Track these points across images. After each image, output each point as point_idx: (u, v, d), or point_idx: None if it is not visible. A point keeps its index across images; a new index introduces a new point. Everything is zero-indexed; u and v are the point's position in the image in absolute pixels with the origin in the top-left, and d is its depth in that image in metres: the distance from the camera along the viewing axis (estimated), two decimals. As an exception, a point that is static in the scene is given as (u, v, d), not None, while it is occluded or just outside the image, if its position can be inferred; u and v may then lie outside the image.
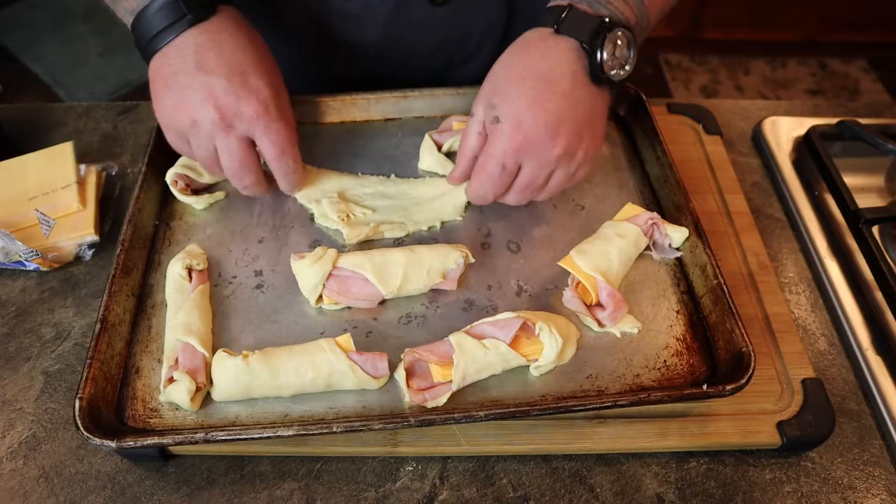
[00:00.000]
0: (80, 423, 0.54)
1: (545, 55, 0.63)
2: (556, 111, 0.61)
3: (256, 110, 0.61)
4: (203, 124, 0.61)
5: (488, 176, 0.65)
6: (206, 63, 0.61)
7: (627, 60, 0.63)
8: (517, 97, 0.62)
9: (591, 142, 0.65)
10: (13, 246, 0.69)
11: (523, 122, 0.61)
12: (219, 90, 0.60)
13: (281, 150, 0.64)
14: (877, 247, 0.72)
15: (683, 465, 0.60)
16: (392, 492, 0.58)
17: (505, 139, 0.62)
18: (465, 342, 0.59)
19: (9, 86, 0.95)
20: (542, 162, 0.63)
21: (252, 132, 0.62)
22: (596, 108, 0.65)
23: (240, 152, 0.63)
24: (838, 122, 0.86)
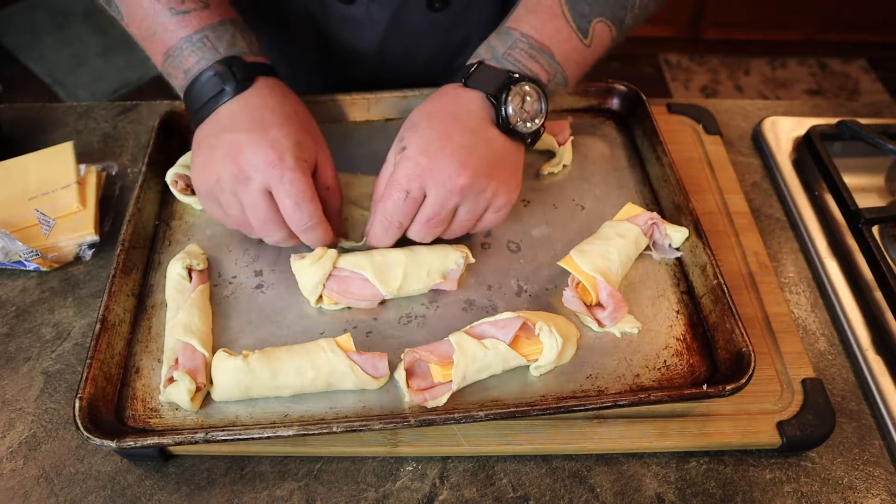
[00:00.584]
0: (80, 423, 0.54)
1: (455, 101, 0.64)
2: (465, 143, 0.61)
3: (269, 159, 0.59)
4: (224, 180, 0.61)
5: (393, 204, 0.61)
6: (233, 125, 0.62)
7: (538, 114, 0.64)
8: (426, 129, 0.62)
9: (501, 186, 0.63)
10: (13, 246, 0.69)
11: (429, 147, 0.61)
12: (240, 146, 0.60)
13: (295, 202, 0.60)
14: (877, 247, 0.72)
15: (683, 465, 0.60)
16: (392, 492, 0.58)
17: (410, 164, 0.61)
18: (465, 342, 0.59)
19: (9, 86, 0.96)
20: (447, 190, 0.60)
21: (268, 183, 0.60)
22: (508, 157, 0.64)
23: (262, 206, 0.61)
24: (838, 122, 0.86)
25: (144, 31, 0.65)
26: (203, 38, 0.63)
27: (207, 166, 0.62)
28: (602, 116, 0.86)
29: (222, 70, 0.63)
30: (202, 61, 0.63)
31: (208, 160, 0.62)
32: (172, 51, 0.64)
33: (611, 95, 0.86)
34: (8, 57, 2.54)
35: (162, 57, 0.65)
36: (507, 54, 0.65)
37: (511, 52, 0.65)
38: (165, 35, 0.64)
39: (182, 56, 0.64)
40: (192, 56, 0.63)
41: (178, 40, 0.63)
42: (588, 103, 0.87)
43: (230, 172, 0.60)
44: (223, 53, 0.64)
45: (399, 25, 0.83)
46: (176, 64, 0.64)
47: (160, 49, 0.65)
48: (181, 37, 0.63)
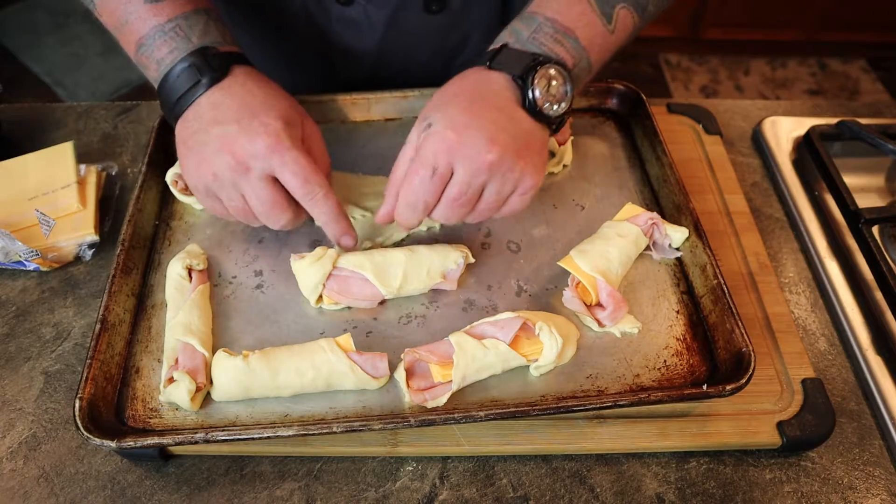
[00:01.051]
0: (80, 423, 0.54)
1: (480, 82, 0.63)
2: (493, 119, 0.59)
3: (267, 143, 0.59)
4: (223, 174, 0.60)
5: (420, 181, 0.59)
6: (218, 116, 0.61)
7: (564, 97, 0.62)
8: (452, 107, 0.61)
9: (528, 167, 0.61)
10: (13, 246, 0.69)
11: (457, 122, 0.59)
12: (231, 137, 0.59)
13: (304, 179, 0.60)
14: (877, 247, 0.72)
15: (683, 465, 0.60)
16: (392, 492, 0.58)
17: (437, 139, 0.59)
18: (465, 342, 0.59)
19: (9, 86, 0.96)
20: (475, 167, 0.58)
21: (270, 168, 0.59)
22: (534, 138, 0.62)
23: (265, 192, 0.60)
24: (838, 122, 0.86)
25: (116, 20, 0.64)
26: (176, 27, 0.62)
27: (201, 164, 0.61)
28: (602, 116, 0.86)
29: (197, 61, 0.62)
30: (175, 52, 0.62)
31: (200, 158, 0.61)
32: (144, 40, 0.63)
33: (611, 95, 0.86)
34: (8, 57, 2.54)
35: (134, 46, 0.64)
36: (532, 38, 0.63)
37: (536, 35, 0.63)
38: (137, 24, 0.63)
39: (154, 46, 0.63)
40: (165, 46, 0.62)
41: (150, 29, 0.63)
42: (588, 103, 0.87)
43: (227, 165, 0.59)
44: (196, 43, 0.62)
45: (396, 27, 0.83)
46: (148, 54, 0.63)
47: (132, 38, 0.64)
48: (153, 26, 0.62)
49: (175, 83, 0.62)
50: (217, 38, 0.64)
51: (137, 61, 0.65)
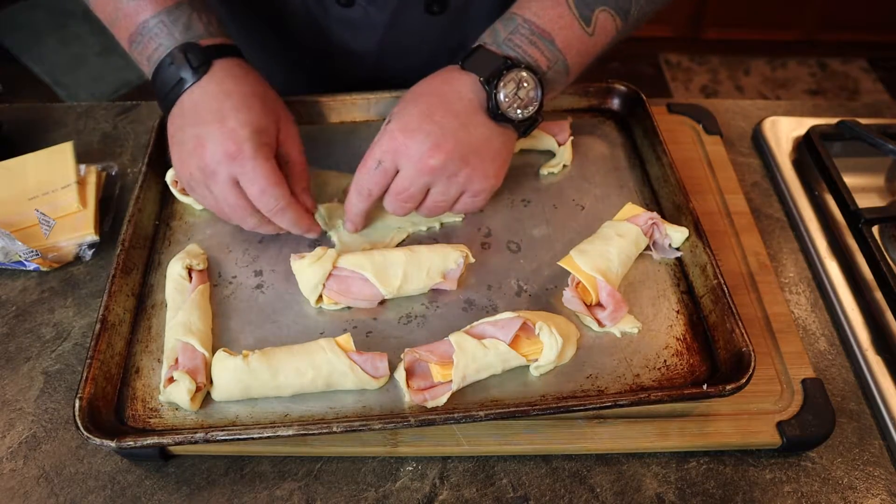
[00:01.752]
0: (80, 423, 0.54)
1: (447, 82, 0.65)
2: (444, 125, 0.62)
3: (228, 151, 0.60)
4: (195, 175, 0.63)
5: (366, 171, 0.64)
6: (194, 118, 0.62)
7: (532, 102, 0.64)
8: (412, 108, 0.64)
9: (476, 172, 0.64)
10: (13, 246, 0.69)
11: (409, 125, 0.62)
12: (202, 140, 0.61)
13: (261, 189, 0.62)
14: (877, 247, 0.72)
15: (683, 465, 0.60)
16: (392, 492, 0.58)
17: (387, 138, 0.63)
18: (465, 342, 0.59)
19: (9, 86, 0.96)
20: (417, 169, 0.62)
21: (233, 174, 0.62)
22: (491, 143, 0.65)
23: (230, 196, 0.63)
24: (838, 122, 0.86)
25: (108, 16, 0.65)
26: (159, 22, 0.63)
27: (181, 162, 0.64)
28: (602, 116, 0.86)
29: (179, 58, 0.63)
30: (160, 48, 0.63)
31: (179, 156, 0.64)
32: (134, 37, 0.64)
33: (611, 95, 0.86)
34: (8, 57, 2.54)
35: (127, 43, 0.65)
36: (507, 39, 0.65)
37: (512, 36, 0.65)
38: (126, 20, 0.64)
39: (143, 42, 0.64)
40: (151, 42, 0.64)
41: (136, 26, 0.64)
42: (588, 103, 0.87)
43: (198, 167, 0.62)
44: (179, 39, 0.63)
45: (397, 28, 0.83)
46: (140, 50, 0.65)
47: (124, 35, 0.65)
48: (139, 22, 0.64)
49: (162, 81, 0.64)
50: (200, 32, 0.65)
51: (133, 57, 0.66)
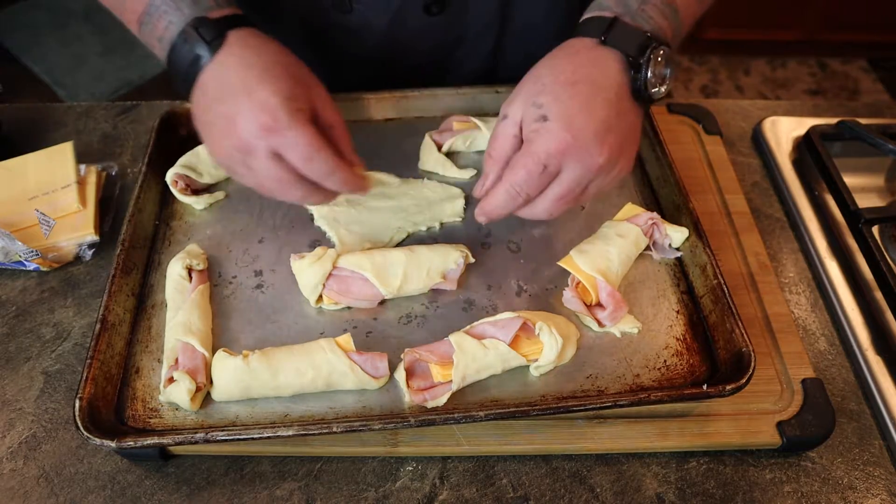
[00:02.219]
0: (80, 423, 0.54)
1: (595, 63, 0.61)
2: (605, 119, 0.59)
3: (263, 124, 0.57)
4: (232, 155, 0.59)
5: (527, 174, 0.58)
6: (218, 93, 0.59)
7: (666, 78, 0.61)
8: (568, 99, 0.59)
9: (628, 159, 0.62)
10: (13, 246, 0.69)
11: (574, 123, 0.58)
12: (232, 117, 0.58)
13: (306, 157, 0.58)
14: (877, 247, 0.72)
15: (683, 465, 0.60)
16: (392, 492, 0.58)
17: (552, 137, 0.57)
18: (465, 342, 0.59)
19: (9, 86, 0.95)
20: (585, 169, 0.58)
21: (273, 147, 0.57)
22: (635, 125, 0.63)
23: (273, 170, 0.58)
24: (838, 122, 0.86)
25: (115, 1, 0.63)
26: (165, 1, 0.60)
27: (214, 144, 0.60)
28: (602, 116, 0.86)
29: (191, 34, 0.59)
30: (171, 26, 0.60)
31: (211, 138, 0.60)
32: (143, 17, 0.61)
33: (611, 95, 0.86)
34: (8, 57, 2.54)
35: (137, 26, 0.63)
36: (641, 10, 0.61)
37: (645, 7, 0.62)
38: (133, 2, 0.61)
39: (152, 22, 0.61)
40: (161, 21, 0.60)
41: (145, 6, 0.61)
42: (588, 103, 0.87)
43: (233, 146, 0.58)
44: (188, 14, 0.60)
45: (396, 30, 0.83)
46: (149, 32, 0.62)
47: (133, 19, 0.62)
48: (146, 2, 0.61)
49: (178, 61, 0.61)
50: (208, 4, 0.61)
51: (144, 41, 0.64)
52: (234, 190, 0.77)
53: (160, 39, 0.61)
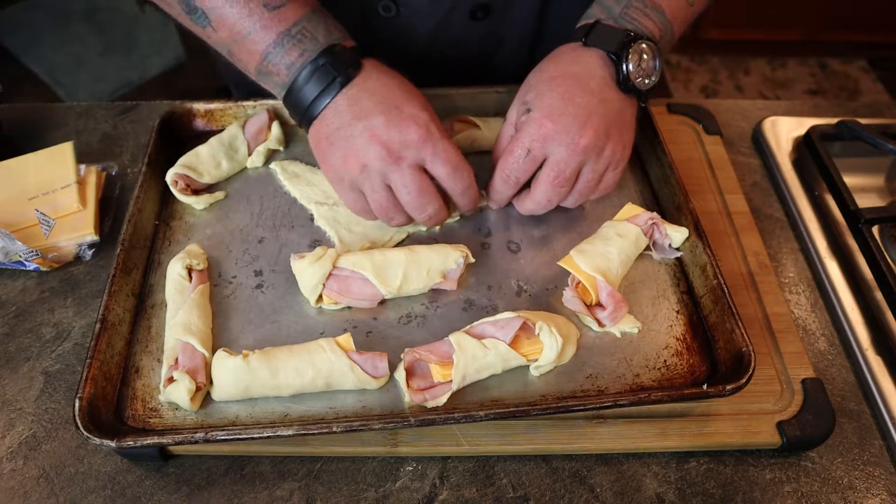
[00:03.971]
0: (80, 422, 0.54)
1: (576, 61, 0.67)
2: (585, 105, 0.64)
3: (419, 134, 0.62)
4: (373, 165, 0.62)
5: (514, 159, 0.65)
6: (361, 111, 0.62)
7: (653, 71, 0.67)
8: (549, 91, 0.65)
9: (618, 143, 0.66)
10: (13, 246, 0.69)
11: (553, 110, 0.64)
12: (379, 129, 0.61)
13: (454, 167, 0.64)
14: (877, 247, 0.72)
15: (683, 465, 0.60)
16: (392, 492, 0.58)
17: (533, 125, 0.64)
18: (465, 342, 0.59)
19: (9, 86, 0.95)
20: (569, 150, 0.64)
21: (422, 158, 0.63)
22: (624, 114, 0.67)
23: (416, 181, 0.63)
24: (838, 122, 0.86)
25: (237, 34, 0.63)
26: (301, 30, 0.63)
27: (349, 157, 0.63)
28: (602, 116, 0.86)
29: (330, 60, 0.62)
30: (306, 53, 0.63)
31: (348, 151, 0.63)
32: (272, 48, 0.63)
33: (611, 95, 0.86)
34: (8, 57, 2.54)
35: (259, 56, 0.64)
36: (623, 13, 0.68)
37: (627, 10, 0.68)
38: (263, 33, 0.62)
39: (283, 51, 0.63)
40: (295, 50, 0.63)
41: (277, 35, 0.62)
42: (588, 103, 0.87)
43: (378, 156, 0.61)
44: (323, 43, 0.63)
45: (441, 35, 0.84)
46: (277, 60, 0.63)
47: (257, 48, 0.63)
48: (280, 31, 0.62)
49: (309, 85, 0.63)
50: (339, 35, 0.65)
51: (262, 71, 0.65)
52: (234, 190, 0.77)
53: (290, 66, 0.63)
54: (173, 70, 2.44)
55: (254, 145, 0.79)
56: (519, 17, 0.86)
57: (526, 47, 0.91)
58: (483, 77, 0.90)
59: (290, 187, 0.77)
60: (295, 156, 0.81)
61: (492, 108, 0.84)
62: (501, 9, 0.83)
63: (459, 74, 0.90)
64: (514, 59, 0.91)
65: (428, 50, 0.86)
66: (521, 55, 0.91)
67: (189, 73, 2.44)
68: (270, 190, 0.77)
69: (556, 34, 0.78)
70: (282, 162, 0.79)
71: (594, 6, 0.70)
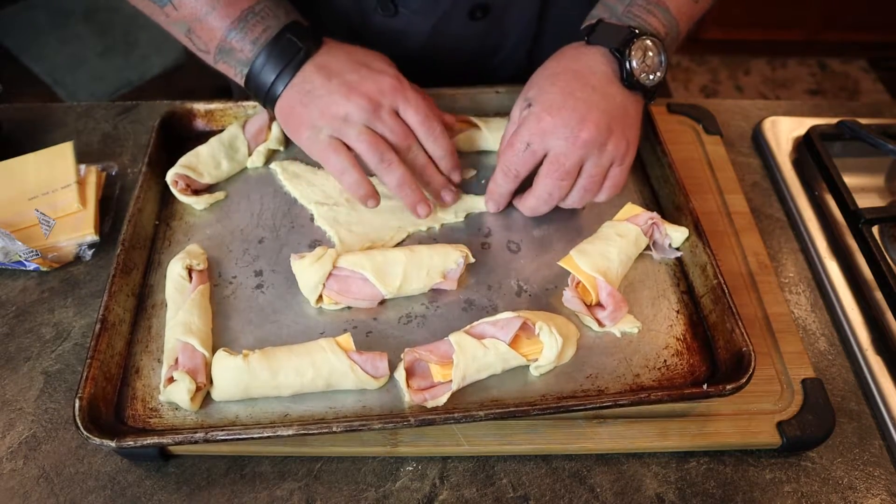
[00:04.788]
0: (80, 422, 0.54)
1: (578, 58, 0.68)
2: (586, 99, 0.64)
3: (392, 83, 0.65)
4: (353, 113, 0.65)
5: (514, 152, 0.66)
6: (331, 72, 0.66)
7: (659, 67, 0.67)
8: (549, 86, 0.66)
9: (621, 138, 0.66)
10: (13, 246, 0.69)
11: (552, 104, 0.65)
12: (355, 82, 0.65)
13: (425, 115, 0.67)
14: (877, 247, 0.72)
15: (683, 465, 0.60)
16: (392, 492, 0.58)
17: (533, 120, 0.65)
18: (465, 342, 0.59)
19: (9, 86, 0.95)
20: (568, 143, 0.64)
21: (395, 104, 0.66)
22: (628, 110, 0.67)
23: (397, 124, 0.66)
24: (838, 122, 0.86)
25: (198, 11, 0.66)
26: (264, 8, 0.66)
27: (326, 110, 0.65)
28: (602, 116, 0.86)
29: (295, 33, 0.66)
30: (269, 29, 0.66)
31: (325, 106, 0.65)
32: (236, 23, 0.65)
33: (611, 95, 0.86)
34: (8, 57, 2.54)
35: (222, 33, 0.66)
36: (626, 11, 0.68)
37: (631, 8, 0.68)
38: (226, 9, 0.65)
39: (247, 27, 0.66)
40: (259, 26, 0.66)
41: (241, 12, 0.65)
42: (588, 103, 0.87)
43: (358, 106, 0.64)
44: (285, 20, 0.66)
45: (440, 35, 0.84)
46: (240, 37, 0.66)
47: (219, 25, 0.66)
48: (244, 9, 0.65)
49: (274, 58, 0.66)
50: (297, 17, 0.68)
51: (222, 48, 0.67)
52: (234, 190, 0.77)
53: (254, 41, 0.66)
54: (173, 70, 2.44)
55: (254, 145, 0.79)
56: (518, 17, 0.86)
57: (525, 48, 0.91)
58: (482, 77, 0.91)
59: (291, 187, 0.77)
60: (295, 156, 0.81)
61: (492, 108, 0.84)
62: (500, 9, 0.83)
63: (459, 74, 0.90)
64: (513, 59, 0.92)
65: (426, 50, 0.86)
66: (521, 56, 0.91)
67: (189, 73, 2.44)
68: (270, 190, 0.77)
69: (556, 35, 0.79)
70: (282, 162, 0.79)
71: (598, 6, 0.71)
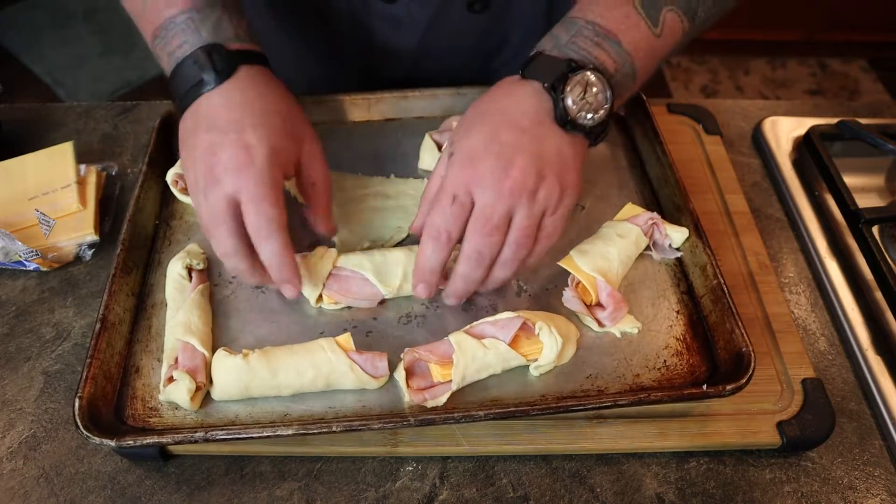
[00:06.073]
0: (80, 422, 0.54)
1: (509, 94, 0.62)
2: (512, 144, 0.58)
3: (238, 163, 0.56)
4: (199, 181, 0.59)
5: (441, 209, 0.58)
6: (212, 122, 0.59)
7: (602, 105, 0.59)
8: (472, 131, 0.60)
9: (554, 184, 0.58)
10: (13, 246, 0.69)
11: (475, 151, 0.58)
12: (215, 147, 0.58)
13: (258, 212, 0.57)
14: (877, 247, 0.72)
15: (683, 465, 0.60)
16: (392, 492, 0.58)
17: (456, 170, 0.58)
18: (464, 342, 0.59)
19: (9, 86, 0.95)
20: (495, 192, 0.57)
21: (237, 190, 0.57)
22: (563, 152, 0.59)
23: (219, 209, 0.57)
24: (838, 122, 0.86)
25: (136, 6, 0.64)
26: (188, 19, 0.61)
27: (189, 163, 0.60)
28: (602, 116, 0.86)
29: (202, 58, 0.60)
30: (185, 45, 0.61)
31: (189, 158, 0.60)
32: (159, 31, 0.62)
33: (611, 95, 0.86)
34: (8, 57, 2.54)
35: (151, 36, 0.63)
36: (570, 42, 0.61)
37: (575, 39, 0.61)
38: (154, 14, 0.62)
39: (167, 38, 0.61)
40: (176, 39, 0.61)
41: (164, 20, 0.61)
42: (588, 103, 0.87)
43: (203, 173, 0.58)
44: (206, 39, 0.61)
45: (438, 26, 0.83)
46: (162, 45, 0.62)
47: (149, 28, 0.63)
48: (167, 17, 0.61)
49: (181, 79, 0.61)
50: (229, 35, 0.62)
51: (153, 52, 0.65)
52: (234, 190, 0.77)
53: (170, 55, 0.62)
54: (173, 70, 2.44)
55: (254, 145, 0.79)
56: (522, 14, 0.84)
57: (532, 47, 0.90)
58: (485, 78, 0.91)
59: (290, 187, 0.77)
60: (295, 156, 0.80)
61: (492, 108, 0.84)
62: (502, 4, 0.82)
63: (461, 71, 0.89)
64: (519, 59, 0.90)
65: (426, 40, 0.85)
66: (526, 57, 0.90)
67: (189, 73, 2.44)
68: (270, 190, 0.77)
69: None
70: (282, 162, 0.79)
71: (545, 37, 0.64)
